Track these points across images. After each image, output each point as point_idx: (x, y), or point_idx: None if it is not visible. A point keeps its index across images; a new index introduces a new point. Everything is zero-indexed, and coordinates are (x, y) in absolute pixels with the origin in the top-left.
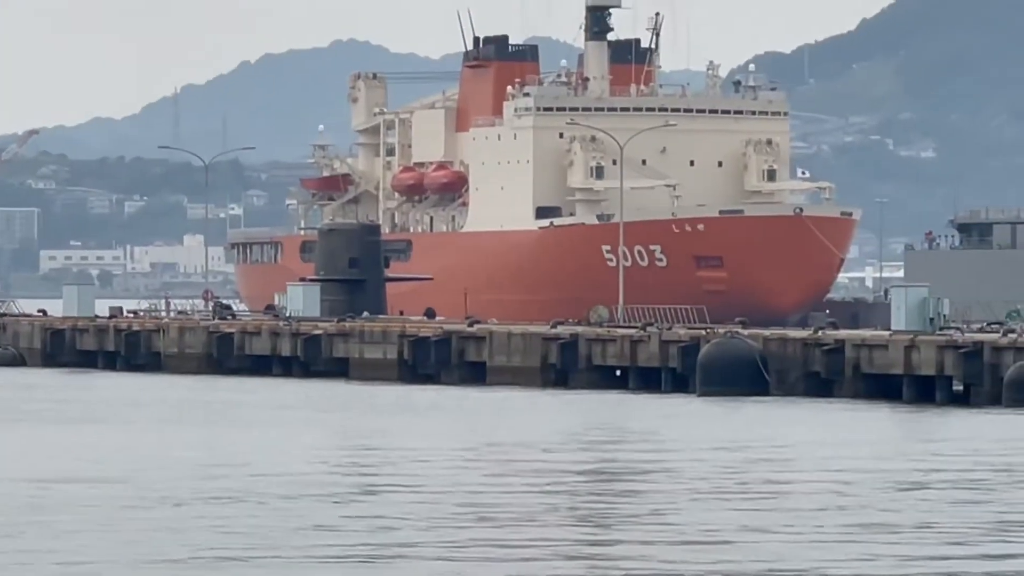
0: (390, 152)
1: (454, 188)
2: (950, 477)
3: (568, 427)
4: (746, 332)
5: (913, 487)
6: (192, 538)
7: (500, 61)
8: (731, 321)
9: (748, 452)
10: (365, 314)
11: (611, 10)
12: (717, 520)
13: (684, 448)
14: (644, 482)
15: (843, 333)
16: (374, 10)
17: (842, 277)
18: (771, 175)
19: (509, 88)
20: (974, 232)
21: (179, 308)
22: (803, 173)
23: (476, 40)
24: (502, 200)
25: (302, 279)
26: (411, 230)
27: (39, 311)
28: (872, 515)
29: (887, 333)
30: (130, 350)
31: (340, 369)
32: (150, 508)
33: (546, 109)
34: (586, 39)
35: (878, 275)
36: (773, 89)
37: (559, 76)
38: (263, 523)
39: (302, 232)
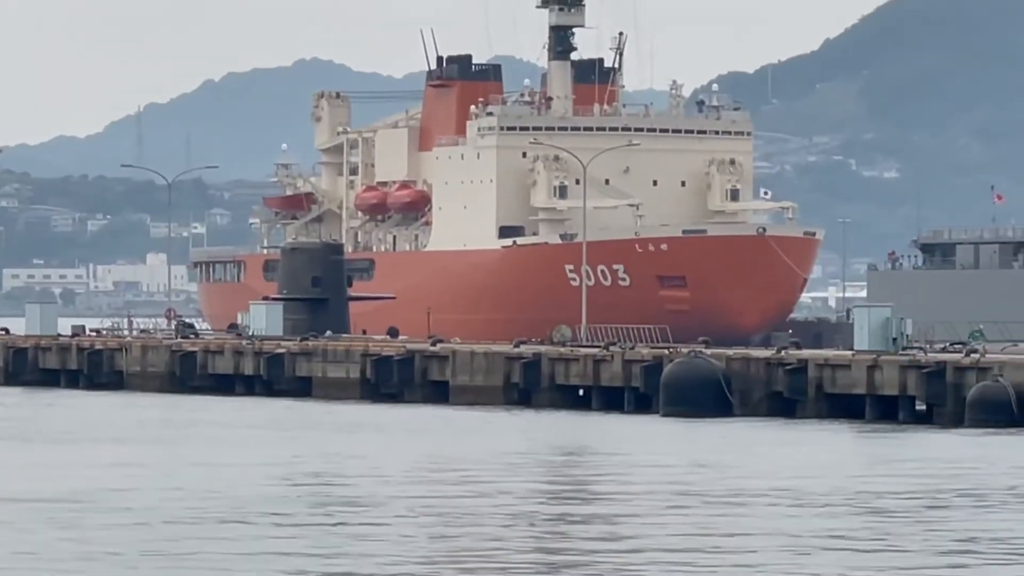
0: (353, 171)
1: (417, 207)
2: (892, 497)
3: (526, 447)
4: (709, 352)
5: (856, 508)
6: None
7: (463, 80)
8: (694, 341)
9: (706, 472)
10: (328, 333)
11: (575, 30)
12: (662, 534)
13: (643, 468)
14: (600, 502)
15: (806, 353)
16: (337, 29)
17: (805, 297)
18: (734, 195)
19: (472, 107)
20: (937, 252)
21: (142, 327)
22: (765, 194)
23: (439, 59)
24: (465, 219)
25: (265, 298)
26: (374, 249)
27: (1, 329)
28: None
29: (850, 353)
30: (93, 369)
31: (303, 388)
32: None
33: (509, 128)
34: (549, 58)
35: (841, 295)
36: (736, 109)
37: (522, 95)
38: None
39: (265, 251)
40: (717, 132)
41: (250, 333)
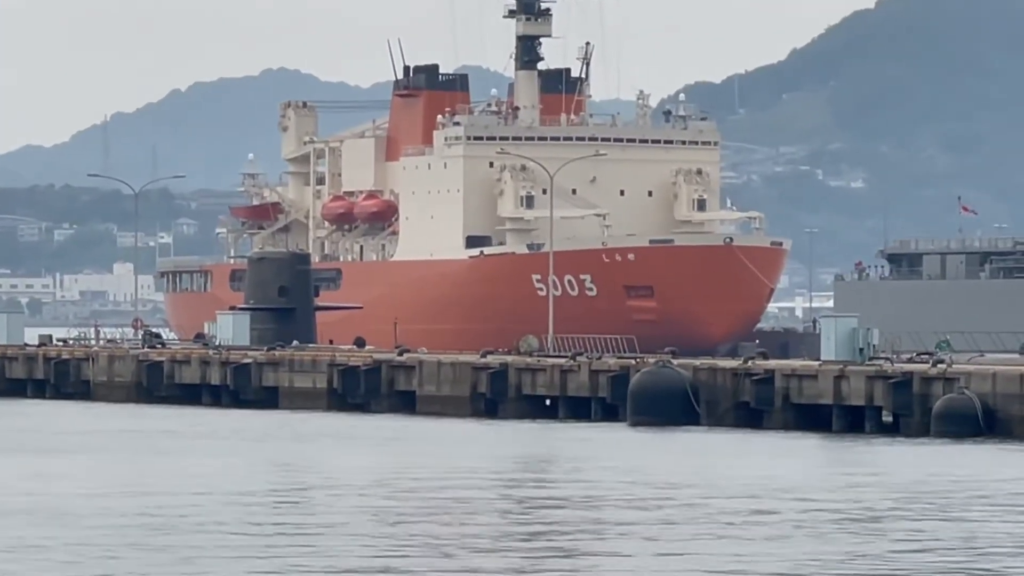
0: (320, 181)
1: (384, 217)
2: (850, 507)
3: (495, 456)
4: (676, 362)
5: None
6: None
7: (430, 90)
8: (661, 351)
9: (670, 482)
10: (295, 343)
11: (541, 40)
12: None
13: (605, 478)
14: (563, 511)
15: (773, 363)
16: (304, 39)
17: (772, 307)
18: (701, 205)
19: (439, 117)
20: (904, 262)
21: (109, 336)
22: (730, 207)
23: (406, 69)
24: (432, 229)
25: (232, 308)
26: (341, 259)
27: None
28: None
29: (817, 363)
30: (59, 378)
31: (270, 398)
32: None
33: (476, 138)
34: (516, 68)
35: (808, 305)
36: (703, 119)
37: (489, 105)
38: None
39: (232, 261)
40: (684, 142)
41: (217, 343)
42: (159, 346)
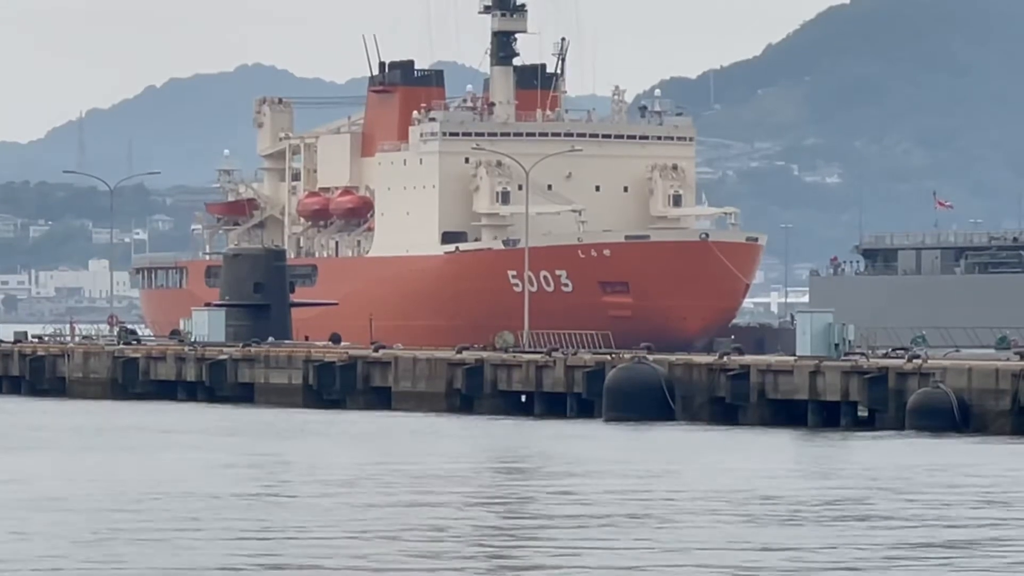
0: (295, 177)
1: (360, 213)
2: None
3: (467, 452)
4: (652, 357)
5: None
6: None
7: (405, 86)
8: (637, 346)
9: (641, 477)
10: (270, 339)
11: (517, 35)
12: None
13: (581, 474)
14: (536, 508)
15: (748, 359)
16: (279, 35)
17: (747, 302)
18: (677, 200)
19: (415, 113)
20: (879, 258)
21: (84, 333)
22: (705, 203)
23: (382, 65)
24: (408, 225)
25: (207, 304)
26: (316, 255)
27: None
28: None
29: (792, 359)
30: (35, 375)
31: (245, 394)
32: None
33: (452, 134)
34: (492, 64)
35: (783, 300)
36: (679, 114)
37: (465, 101)
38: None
39: (207, 257)
40: (660, 138)
41: (192, 339)
42: (134, 343)
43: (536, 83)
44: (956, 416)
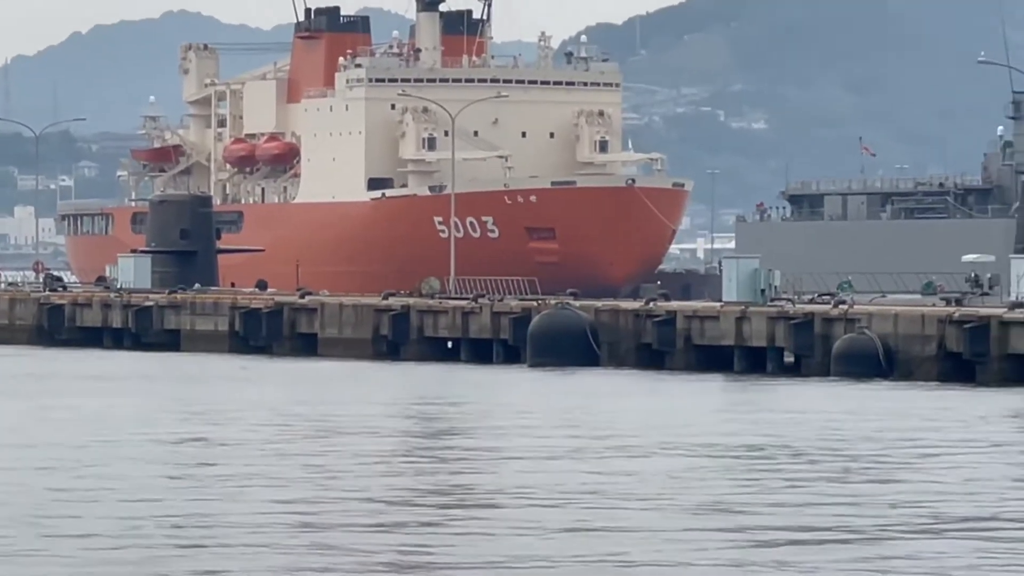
0: (221, 123)
1: (286, 160)
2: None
3: (392, 398)
4: (577, 303)
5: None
6: None
7: (331, 32)
8: (563, 292)
9: (567, 421)
10: (196, 286)
11: None
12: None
13: (502, 417)
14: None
15: (674, 304)
16: None
17: (674, 248)
18: (603, 146)
19: (341, 59)
20: (805, 204)
21: (9, 280)
22: (631, 149)
23: (307, 11)
24: (334, 171)
25: (133, 251)
26: (243, 201)
27: None
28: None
29: (718, 304)
30: None
31: (171, 341)
32: None
33: (378, 80)
34: (418, 10)
35: (709, 246)
36: (605, 60)
37: (391, 47)
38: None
39: (133, 204)
40: (586, 84)
41: (118, 286)
42: (60, 289)
43: (462, 29)
44: (882, 361)
